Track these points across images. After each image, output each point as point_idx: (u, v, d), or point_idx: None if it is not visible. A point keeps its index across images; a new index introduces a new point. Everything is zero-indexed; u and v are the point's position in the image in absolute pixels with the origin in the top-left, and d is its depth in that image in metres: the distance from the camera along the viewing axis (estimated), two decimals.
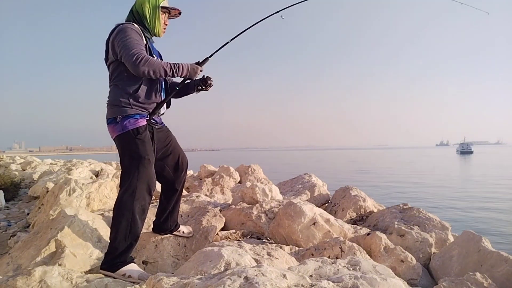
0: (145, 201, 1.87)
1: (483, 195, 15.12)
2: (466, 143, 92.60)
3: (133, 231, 1.82)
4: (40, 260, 1.89)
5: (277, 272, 1.23)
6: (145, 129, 1.90)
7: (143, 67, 1.78)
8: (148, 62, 1.79)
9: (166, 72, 1.87)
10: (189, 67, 1.97)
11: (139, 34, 1.91)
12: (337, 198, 3.79)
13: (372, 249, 2.31)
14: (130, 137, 1.85)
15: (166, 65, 1.86)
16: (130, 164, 1.85)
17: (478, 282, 1.67)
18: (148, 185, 1.87)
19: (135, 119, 1.87)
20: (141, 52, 1.81)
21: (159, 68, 1.83)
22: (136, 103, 1.88)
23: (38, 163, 10.70)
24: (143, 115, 1.92)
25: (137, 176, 1.83)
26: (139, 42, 1.87)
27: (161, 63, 1.85)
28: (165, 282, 1.29)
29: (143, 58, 1.78)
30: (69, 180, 3.40)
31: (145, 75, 1.82)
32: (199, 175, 5.28)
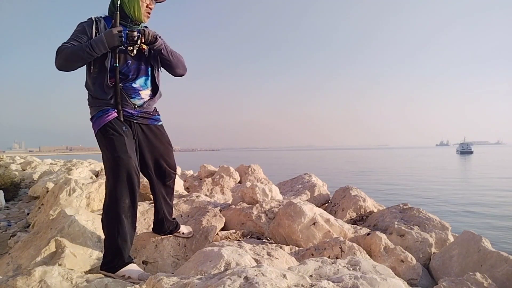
0: (128, 198, 1.79)
1: (483, 195, 15.12)
2: (466, 143, 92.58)
3: (121, 232, 1.77)
4: (40, 260, 1.89)
5: (277, 272, 1.23)
6: (113, 124, 1.81)
7: (58, 60, 1.68)
8: (60, 52, 1.67)
9: (82, 56, 1.70)
10: (102, 36, 1.73)
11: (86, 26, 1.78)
12: (337, 198, 3.79)
13: (372, 249, 2.31)
14: (100, 137, 1.83)
15: (78, 48, 1.69)
16: (105, 165, 1.82)
17: (478, 282, 1.67)
18: (128, 182, 1.77)
19: (99, 117, 1.82)
20: (61, 45, 1.69)
21: (72, 55, 1.68)
22: (97, 101, 1.83)
23: (38, 163, 10.69)
24: (106, 109, 1.83)
25: (113, 176, 1.77)
26: (74, 37, 1.74)
27: (73, 49, 1.68)
28: (165, 282, 1.29)
29: (58, 50, 1.67)
30: (69, 180, 3.40)
31: (63, 68, 1.72)
32: (199, 175, 5.28)
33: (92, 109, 1.87)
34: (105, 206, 1.81)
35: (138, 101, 1.94)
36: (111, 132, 1.80)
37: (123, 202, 1.77)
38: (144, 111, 1.98)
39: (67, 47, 1.70)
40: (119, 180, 1.76)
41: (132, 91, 1.91)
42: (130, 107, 1.91)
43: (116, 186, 1.76)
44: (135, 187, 1.81)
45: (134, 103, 1.92)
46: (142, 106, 1.97)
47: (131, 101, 1.91)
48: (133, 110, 1.93)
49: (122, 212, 1.77)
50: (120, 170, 1.75)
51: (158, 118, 2.08)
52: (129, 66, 1.89)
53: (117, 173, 1.76)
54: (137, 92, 1.93)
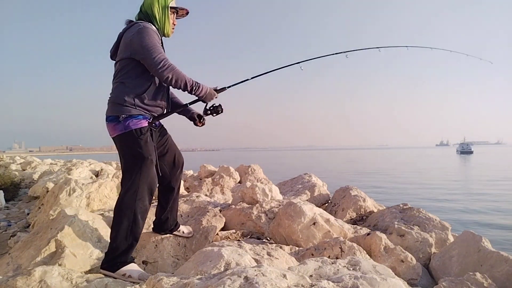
0: (146, 201, 1.87)
1: (482, 195, 15.13)
2: (466, 143, 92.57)
3: (134, 231, 1.81)
4: (40, 260, 1.89)
5: (277, 272, 1.23)
6: (147, 130, 1.89)
7: (168, 73, 1.81)
8: (173, 70, 1.82)
9: (187, 86, 1.89)
10: (207, 90, 1.99)
11: (158, 35, 1.91)
12: (337, 198, 3.79)
13: (372, 249, 2.31)
14: (133, 137, 1.84)
15: (189, 79, 1.89)
16: (133, 164, 1.84)
17: (478, 282, 1.67)
18: (150, 186, 1.87)
19: (138, 119, 1.86)
20: (165, 57, 1.83)
21: (182, 79, 1.86)
22: (141, 104, 1.87)
23: (38, 163, 10.69)
24: (146, 117, 1.91)
25: (140, 176, 1.82)
26: (160, 46, 1.87)
27: (185, 76, 1.87)
28: (165, 282, 1.29)
29: (170, 65, 1.81)
30: (69, 180, 3.40)
31: (168, 81, 1.85)
32: (199, 175, 5.28)
33: (126, 109, 1.84)
34: (123, 202, 1.82)
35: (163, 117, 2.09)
36: (147, 135, 1.88)
37: (142, 202, 1.83)
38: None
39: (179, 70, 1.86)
40: (144, 181, 1.83)
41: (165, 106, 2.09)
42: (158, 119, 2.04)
43: (140, 186, 1.82)
44: (153, 192, 1.92)
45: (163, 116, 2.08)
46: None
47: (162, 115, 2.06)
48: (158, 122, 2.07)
49: (139, 212, 1.82)
50: (148, 172, 1.84)
51: None
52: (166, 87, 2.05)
53: (145, 174, 1.83)
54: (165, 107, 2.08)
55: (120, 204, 1.82)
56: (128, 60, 1.86)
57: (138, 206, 1.81)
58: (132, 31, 1.85)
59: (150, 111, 1.93)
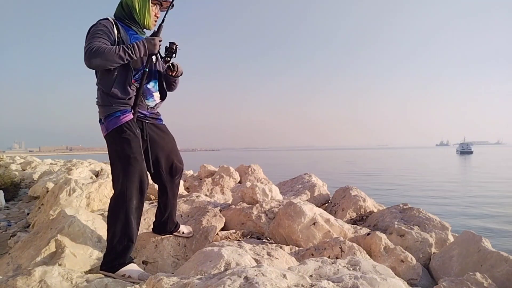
0: (137, 200, 1.82)
1: (482, 195, 15.13)
2: (466, 143, 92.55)
3: (128, 232, 1.79)
4: (40, 260, 1.89)
5: (277, 272, 1.23)
6: (130, 125, 1.83)
7: (93, 59, 1.68)
8: (98, 51, 1.67)
9: (122, 57, 1.74)
10: (144, 42, 1.82)
11: (109, 27, 1.81)
12: (337, 198, 3.79)
13: (372, 249, 2.31)
14: (114, 137, 1.82)
15: (119, 49, 1.73)
16: (117, 165, 1.82)
17: (478, 282, 1.67)
18: (139, 184, 1.82)
19: (116, 117, 1.82)
20: (93, 44, 1.70)
21: (112, 55, 1.71)
22: (115, 100, 1.82)
23: (38, 163, 10.69)
24: (125, 110, 1.84)
25: (125, 176, 1.78)
26: (102, 35, 1.76)
27: (113, 50, 1.72)
28: (165, 282, 1.29)
29: (93, 49, 1.67)
30: (69, 180, 3.40)
31: (99, 67, 1.75)
32: (199, 175, 5.28)
33: (105, 108, 1.84)
34: (113, 205, 1.81)
35: (151, 103, 2.01)
36: (128, 133, 1.83)
37: (132, 202, 1.80)
38: (153, 112, 2.05)
39: (103, 46, 1.70)
40: (132, 180, 1.79)
41: (147, 92, 1.98)
42: (143, 108, 1.97)
43: (127, 187, 1.78)
44: (145, 189, 1.85)
45: (147, 104, 1.98)
46: (153, 108, 2.04)
47: (146, 102, 1.97)
48: (146, 111, 1.99)
49: (130, 213, 1.79)
50: (133, 171, 1.80)
51: (162, 118, 2.16)
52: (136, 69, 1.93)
53: (131, 173, 1.79)
54: (151, 94, 2.00)
55: (111, 207, 1.81)
56: None
57: (129, 207, 1.78)
58: None
59: (127, 104, 1.86)
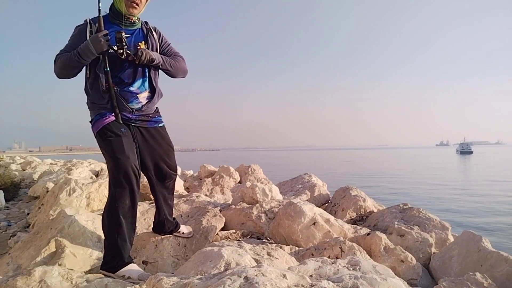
0: (128, 199, 1.79)
1: (482, 195, 15.13)
2: (466, 143, 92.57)
3: (121, 233, 1.78)
4: (40, 260, 1.89)
5: (277, 272, 1.23)
6: (111, 126, 1.81)
7: (55, 69, 1.72)
8: (57, 62, 1.71)
9: (73, 65, 1.72)
10: (88, 42, 1.69)
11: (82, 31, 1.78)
12: (337, 198, 3.79)
13: (372, 249, 2.31)
14: (99, 140, 1.85)
15: (69, 55, 1.70)
16: (108, 166, 1.84)
17: (478, 282, 1.67)
18: (127, 183, 1.77)
19: (97, 120, 1.84)
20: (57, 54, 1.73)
21: (65, 63, 1.70)
22: (94, 105, 1.86)
23: (38, 163, 10.70)
24: (104, 113, 1.83)
25: (112, 177, 1.79)
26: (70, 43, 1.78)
27: (66, 57, 1.70)
28: (165, 282, 1.29)
29: (55, 60, 1.71)
30: (69, 180, 3.40)
31: (62, 77, 1.77)
32: (199, 175, 5.28)
33: (91, 113, 1.90)
34: (105, 207, 1.82)
35: (136, 105, 1.92)
36: (109, 134, 1.81)
37: (122, 203, 1.78)
38: (143, 114, 1.96)
39: (62, 55, 1.74)
40: (118, 181, 1.77)
41: (129, 95, 1.89)
42: (128, 111, 1.90)
43: (115, 187, 1.78)
44: (134, 187, 1.80)
45: (132, 107, 1.91)
46: (141, 110, 1.95)
47: (129, 106, 1.89)
48: (131, 114, 1.91)
49: (121, 213, 1.78)
50: (119, 171, 1.77)
51: (159, 119, 2.07)
52: (125, 70, 1.86)
53: (116, 174, 1.77)
54: (135, 96, 1.91)
55: (104, 209, 1.83)
56: None
57: (120, 207, 1.77)
58: None
59: (104, 107, 1.84)
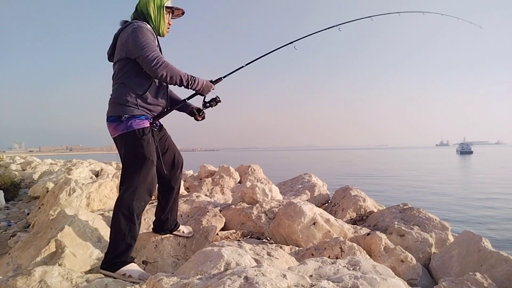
0: (144, 202, 1.87)
1: (482, 195, 15.13)
2: (466, 143, 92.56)
3: (132, 231, 1.82)
4: (40, 260, 1.89)
5: (277, 272, 1.23)
6: (149, 131, 1.89)
7: (162, 70, 1.80)
8: (167, 67, 1.81)
9: (182, 81, 1.88)
10: (204, 83, 1.98)
11: (153, 34, 1.91)
12: (337, 198, 3.79)
13: (372, 249, 2.31)
14: (135, 137, 1.84)
15: (184, 74, 1.88)
16: (133, 164, 1.84)
17: (478, 282, 1.67)
18: (149, 187, 1.87)
19: (140, 119, 1.87)
20: (160, 55, 1.83)
21: (177, 75, 1.85)
22: (144, 104, 1.89)
23: (38, 163, 10.70)
24: (148, 117, 1.92)
25: (139, 176, 1.82)
26: (155, 44, 1.87)
27: (179, 71, 1.86)
28: (165, 282, 1.29)
29: (163, 62, 1.80)
30: (69, 180, 3.40)
31: (162, 79, 1.84)
32: (199, 175, 5.28)
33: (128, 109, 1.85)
34: (121, 203, 1.82)
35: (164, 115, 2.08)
36: (149, 136, 1.89)
37: (140, 203, 1.84)
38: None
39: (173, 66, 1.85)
40: (145, 182, 1.84)
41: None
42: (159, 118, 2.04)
43: (139, 186, 1.82)
44: (153, 193, 1.92)
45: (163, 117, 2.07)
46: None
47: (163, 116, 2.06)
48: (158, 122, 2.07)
49: (137, 213, 1.83)
50: (148, 173, 1.85)
51: None
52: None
53: (144, 175, 1.83)
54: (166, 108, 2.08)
55: (119, 204, 1.83)
56: (125, 61, 1.87)
57: (136, 206, 1.82)
58: (127, 31, 1.85)
59: (152, 111, 1.95)
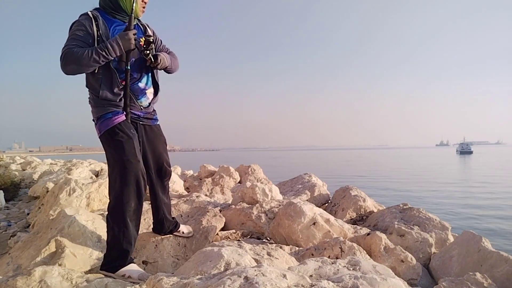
0: (135, 202, 1.79)
1: (482, 194, 15.13)
2: (465, 143, 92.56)
3: (126, 235, 1.78)
4: (40, 260, 1.89)
5: (277, 272, 1.23)
6: (122, 127, 1.78)
7: (68, 66, 1.61)
8: (71, 57, 1.60)
9: (97, 60, 1.64)
10: (118, 38, 1.69)
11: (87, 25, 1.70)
12: (337, 198, 3.79)
13: (372, 249, 2.31)
14: (107, 139, 1.78)
15: (92, 52, 1.62)
16: (113, 167, 1.79)
17: (478, 282, 1.67)
18: (136, 186, 1.78)
19: (108, 118, 1.78)
20: (67, 49, 1.62)
21: (86, 59, 1.61)
22: (104, 101, 1.77)
23: (38, 163, 10.70)
24: (116, 112, 1.79)
25: (120, 180, 1.75)
26: (78, 37, 1.67)
27: (86, 53, 1.62)
28: (165, 282, 1.29)
29: (66, 55, 1.60)
30: (69, 180, 3.40)
31: (75, 72, 1.66)
32: (199, 175, 5.28)
33: (97, 109, 1.81)
34: (111, 208, 1.79)
35: (144, 102, 1.94)
36: (121, 135, 1.77)
37: (129, 205, 1.77)
38: (148, 112, 1.99)
39: (77, 50, 1.62)
40: (127, 183, 1.76)
41: (139, 91, 1.90)
42: (137, 108, 1.90)
43: (123, 190, 1.75)
44: (142, 190, 1.82)
45: (140, 104, 1.92)
46: (147, 107, 1.97)
47: (138, 102, 1.90)
48: (140, 112, 1.93)
49: (128, 216, 1.78)
50: (128, 174, 1.75)
51: (156, 117, 2.10)
52: (132, 65, 1.83)
53: (126, 176, 1.75)
54: (144, 92, 1.92)
55: (109, 210, 1.80)
56: None
57: (126, 209, 1.76)
58: None
59: (116, 105, 1.80)
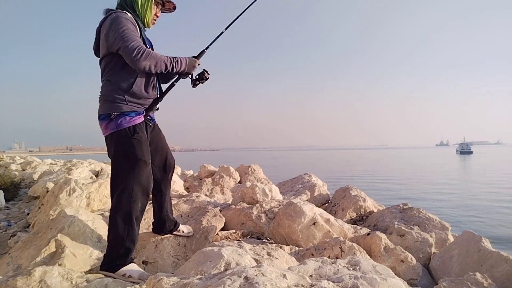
0: (141, 203, 1.81)
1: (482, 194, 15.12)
2: (465, 143, 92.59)
3: (130, 233, 1.78)
4: (40, 260, 1.89)
5: (277, 272, 1.23)
6: (141, 127, 1.83)
7: (144, 61, 1.71)
8: (149, 56, 1.72)
9: (167, 67, 1.81)
10: (187, 60, 1.91)
11: (133, 23, 1.82)
12: (337, 198, 3.79)
13: (372, 249, 2.31)
14: (126, 136, 1.78)
15: (166, 59, 1.81)
16: (126, 165, 1.78)
17: (478, 282, 1.67)
18: (144, 187, 1.81)
19: (130, 116, 1.79)
20: (140, 45, 1.73)
21: (160, 62, 1.78)
22: (132, 99, 1.80)
23: (38, 163, 10.69)
24: (139, 112, 1.84)
25: (133, 177, 1.76)
26: (136, 33, 1.78)
27: (161, 57, 1.79)
28: (165, 282, 1.29)
29: (144, 52, 1.71)
30: (69, 180, 3.40)
31: (146, 70, 1.76)
32: (199, 175, 5.28)
33: (117, 105, 1.78)
34: (117, 206, 1.78)
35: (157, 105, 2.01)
36: (140, 135, 1.81)
37: (137, 204, 1.79)
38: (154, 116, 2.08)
39: (155, 52, 1.77)
40: (138, 183, 1.78)
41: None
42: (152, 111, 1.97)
43: (133, 188, 1.76)
44: (149, 192, 1.86)
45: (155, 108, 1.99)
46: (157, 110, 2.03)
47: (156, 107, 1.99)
48: (153, 114, 2.00)
49: (134, 215, 1.78)
50: (141, 174, 1.78)
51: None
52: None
53: (138, 176, 1.77)
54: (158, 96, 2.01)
55: (115, 207, 1.78)
56: (109, 56, 1.80)
57: (133, 209, 1.77)
58: (106, 24, 1.78)
59: (143, 105, 1.86)
